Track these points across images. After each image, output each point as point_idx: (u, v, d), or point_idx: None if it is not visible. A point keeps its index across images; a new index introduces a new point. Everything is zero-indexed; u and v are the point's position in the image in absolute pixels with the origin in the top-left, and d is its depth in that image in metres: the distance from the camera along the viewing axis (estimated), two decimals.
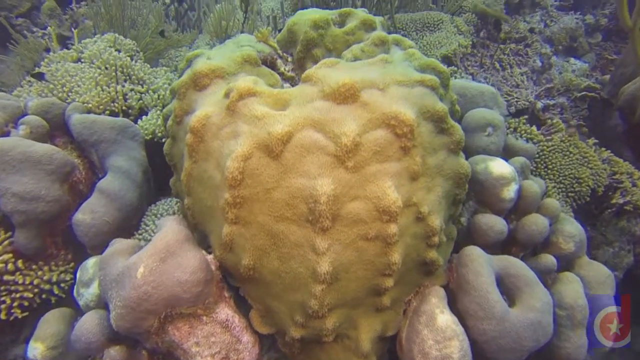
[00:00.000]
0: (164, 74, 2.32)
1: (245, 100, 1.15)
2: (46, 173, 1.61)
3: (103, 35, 2.26)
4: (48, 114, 1.83)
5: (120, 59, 2.11)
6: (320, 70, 1.17)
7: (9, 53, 3.65)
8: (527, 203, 1.43)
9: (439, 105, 1.21)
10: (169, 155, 1.44)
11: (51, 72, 2.03)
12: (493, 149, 1.51)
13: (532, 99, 3.57)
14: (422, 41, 2.66)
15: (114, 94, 2.03)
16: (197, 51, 1.60)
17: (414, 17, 2.83)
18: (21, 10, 3.67)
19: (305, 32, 1.49)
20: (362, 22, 1.58)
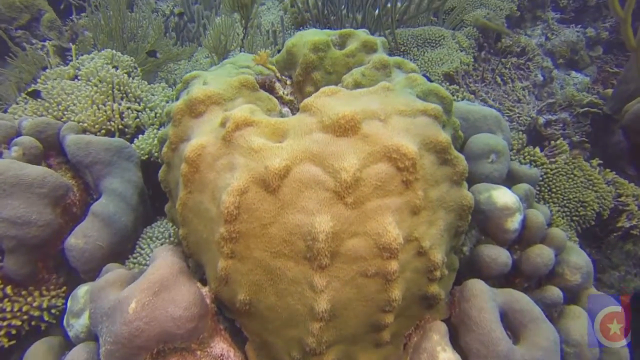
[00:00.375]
0: (161, 91, 2.29)
1: (241, 130, 1.12)
2: (38, 197, 1.57)
3: (101, 52, 2.23)
4: (42, 134, 1.79)
5: (117, 77, 2.07)
6: (320, 100, 1.13)
7: (8, 66, 3.63)
8: (532, 233, 1.39)
9: (442, 136, 1.17)
10: (164, 181, 1.40)
11: (47, 90, 1.99)
12: (496, 176, 1.47)
13: (534, 114, 3.54)
14: (424, 57, 2.63)
15: (110, 113, 1.99)
16: (195, 73, 1.57)
17: (415, 33, 2.81)
18: (20, 22, 3.65)
19: (305, 55, 1.46)
20: (363, 44, 1.55)
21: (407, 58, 2.73)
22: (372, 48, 1.56)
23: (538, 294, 1.38)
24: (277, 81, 1.50)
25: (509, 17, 3.95)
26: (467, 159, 1.50)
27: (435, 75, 2.47)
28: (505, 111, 3.51)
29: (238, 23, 2.78)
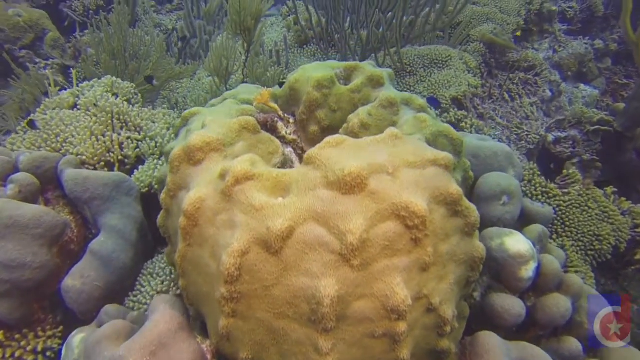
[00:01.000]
0: (162, 117, 2.24)
1: (242, 185, 1.06)
2: (33, 238, 1.53)
3: (100, 80, 2.19)
4: (40, 169, 1.75)
5: (117, 106, 2.03)
6: (324, 152, 1.08)
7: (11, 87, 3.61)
8: (547, 281, 1.33)
9: (453, 188, 1.11)
10: (163, 227, 1.35)
11: (46, 121, 1.95)
12: (508, 219, 1.41)
13: (542, 132, 3.47)
14: (431, 79, 2.57)
15: (110, 144, 1.95)
16: (194, 110, 1.52)
17: (421, 52, 2.75)
18: (25, 42, 3.63)
19: (309, 93, 1.40)
20: (369, 79, 1.50)
21: (413, 79, 2.67)
22: (379, 82, 1.50)
23: (555, 345, 1.32)
24: (280, 120, 1.44)
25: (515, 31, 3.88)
26: (477, 200, 1.44)
27: (443, 99, 2.41)
28: (513, 129, 3.44)
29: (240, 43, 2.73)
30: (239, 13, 2.28)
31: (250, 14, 2.29)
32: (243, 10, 2.28)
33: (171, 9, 5.80)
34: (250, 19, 2.27)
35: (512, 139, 3.35)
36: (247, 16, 2.27)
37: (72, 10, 4.32)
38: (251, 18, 2.28)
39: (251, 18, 2.28)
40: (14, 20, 3.61)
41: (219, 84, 2.49)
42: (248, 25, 2.26)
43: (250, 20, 2.27)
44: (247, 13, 2.29)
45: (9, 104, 3.54)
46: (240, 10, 2.28)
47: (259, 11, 2.30)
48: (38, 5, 4.25)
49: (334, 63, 1.59)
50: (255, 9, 2.28)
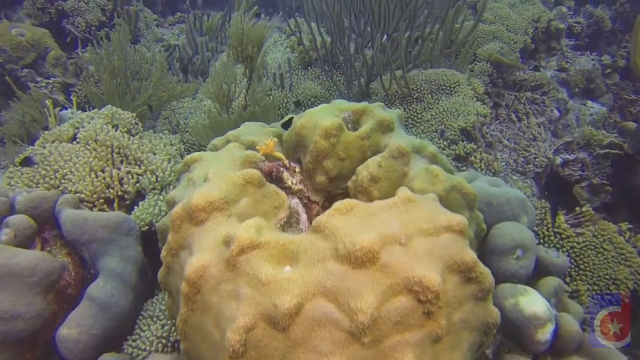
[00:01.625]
0: (162, 149, 2.19)
1: (247, 255, 1.01)
2: (28, 287, 1.47)
3: (101, 110, 2.14)
4: (37, 209, 1.69)
5: (117, 140, 1.98)
6: (334, 221, 1.02)
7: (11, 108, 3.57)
8: (566, 343, 1.27)
9: (467, 255, 1.05)
10: (164, 283, 1.30)
11: (44, 156, 1.90)
12: (522, 274, 1.35)
13: (550, 154, 3.40)
14: (438, 107, 2.52)
15: (109, 180, 1.90)
16: (196, 155, 1.46)
17: (428, 77, 2.70)
18: (27, 61, 3.60)
19: (316, 142, 1.35)
20: (379, 124, 1.44)
21: (421, 105, 2.61)
22: (389, 127, 1.45)
23: None
24: (285, 169, 1.39)
25: (523, 50, 3.82)
26: (490, 254, 1.38)
27: (451, 130, 2.35)
28: (520, 152, 3.38)
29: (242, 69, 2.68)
30: (241, 40, 2.23)
31: (252, 41, 2.24)
32: (245, 37, 2.23)
33: (173, 21, 5.77)
34: (251, 46, 2.21)
35: (519, 162, 3.29)
36: (249, 44, 2.22)
37: (74, 26, 4.28)
38: (253, 46, 2.23)
39: (253, 46, 2.23)
40: (16, 40, 3.58)
41: (220, 110, 2.44)
42: (250, 53, 2.21)
43: (252, 48, 2.21)
44: (248, 40, 2.24)
45: (9, 124, 3.51)
46: (243, 37, 2.23)
47: (262, 38, 2.26)
48: (40, 22, 4.23)
49: (341, 104, 1.54)
50: (258, 37, 2.23)
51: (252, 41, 2.23)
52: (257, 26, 2.25)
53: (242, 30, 2.19)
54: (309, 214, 1.43)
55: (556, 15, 4.16)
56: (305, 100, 2.89)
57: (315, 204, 1.42)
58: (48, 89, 3.64)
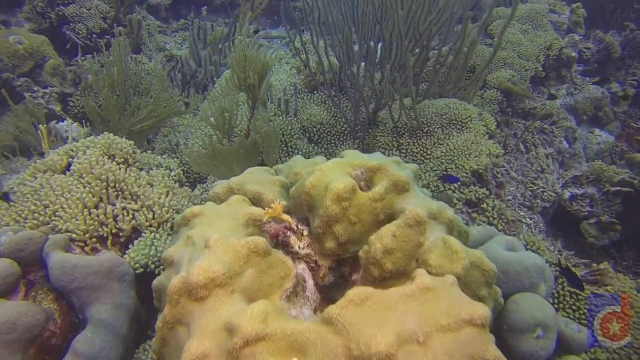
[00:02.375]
0: (161, 180, 2.09)
1: (252, 348, 0.91)
2: (5, 345, 1.37)
3: (97, 139, 2.04)
4: (23, 252, 1.59)
5: (114, 174, 1.88)
6: (347, 315, 0.92)
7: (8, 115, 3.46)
8: None
9: (490, 353, 0.96)
10: (158, 354, 1.20)
11: (35, 190, 1.80)
12: (542, 355, 1.26)
13: (559, 188, 3.32)
14: (450, 144, 2.43)
15: (104, 217, 1.79)
16: (197, 210, 1.37)
17: (439, 110, 2.61)
18: (24, 69, 3.49)
19: (327, 207, 1.25)
20: (394, 184, 1.35)
21: (431, 140, 2.52)
22: (404, 188, 1.35)
23: None
24: (292, 233, 1.29)
25: (533, 77, 3.74)
26: (508, 331, 1.29)
27: (463, 172, 2.26)
28: (528, 185, 3.29)
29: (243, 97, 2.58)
30: (244, 68, 2.13)
31: (256, 70, 2.14)
32: (248, 65, 2.13)
33: (177, 28, 5.67)
34: (255, 75, 2.11)
35: (527, 196, 3.21)
36: (251, 71, 2.12)
37: (75, 33, 4.18)
38: (256, 74, 2.13)
39: (256, 74, 2.13)
40: (14, 48, 3.47)
41: (221, 138, 2.34)
42: (253, 82, 2.11)
43: (255, 77, 2.11)
44: (251, 68, 2.14)
45: (2, 134, 3.40)
46: (246, 65, 2.13)
47: (266, 67, 2.15)
48: (40, 28, 4.12)
49: (354, 159, 1.44)
50: (262, 66, 2.13)
51: (256, 70, 2.13)
52: (261, 54, 2.15)
53: (245, 57, 2.09)
54: (316, 277, 1.34)
55: (568, 43, 4.09)
56: (311, 127, 2.80)
57: (322, 267, 1.33)
58: (45, 99, 3.53)
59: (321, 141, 2.83)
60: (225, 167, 2.31)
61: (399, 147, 2.62)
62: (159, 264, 1.81)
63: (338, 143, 2.86)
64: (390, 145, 2.63)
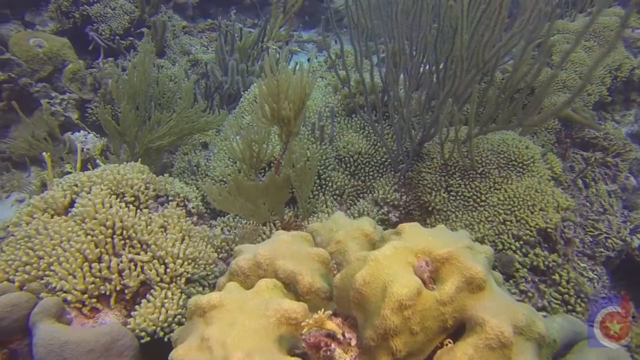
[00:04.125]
0: (176, 223, 1.82)
1: None
2: None
3: (105, 173, 1.77)
4: (5, 321, 1.33)
5: (121, 220, 1.61)
6: None
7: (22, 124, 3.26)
8: None
9: None
10: None
11: (29, 236, 1.54)
12: None
13: (626, 235, 2.91)
14: (509, 189, 2.07)
15: (107, 272, 1.53)
16: (215, 299, 1.07)
17: (496, 147, 2.25)
18: (42, 74, 3.28)
19: (384, 317, 0.94)
20: (467, 282, 1.03)
21: (486, 183, 2.17)
22: (479, 286, 1.03)
23: None
24: (338, 345, 0.98)
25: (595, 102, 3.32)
26: None
27: (526, 229, 1.91)
28: (588, 229, 2.89)
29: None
30: (276, 97, 1.81)
31: (291, 98, 1.81)
32: (281, 93, 1.80)
33: (203, 28, 5.42)
34: (290, 103, 1.79)
35: (586, 243, 2.81)
36: (286, 101, 1.79)
37: (98, 33, 3.96)
38: (290, 102, 1.80)
39: (290, 102, 1.80)
40: (33, 52, 3.26)
41: (248, 172, 2.05)
42: (287, 115, 1.80)
43: (290, 106, 1.79)
44: (285, 96, 1.81)
45: (17, 141, 3.21)
46: (278, 92, 1.80)
47: (303, 96, 1.83)
48: (63, 28, 3.92)
49: (416, 242, 1.12)
50: (299, 96, 1.81)
51: (292, 98, 1.81)
52: (297, 78, 1.82)
53: (277, 84, 1.77)
54: None
55: None
56: (347, 157, 2.48)
57: None
58: (62, 105, 3.33)
59: (358, 172, 2.51)
60: (251, 204, 2.02)
61: (447, 188, 2.27)
62: (169, 330, 1.53)
63: (377, 175, 2.53)
64: (438, 185, 2.29)
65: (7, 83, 3.15)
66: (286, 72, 1.74)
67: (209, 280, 1.86)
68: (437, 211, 2.27)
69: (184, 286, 1.68)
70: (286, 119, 1.83)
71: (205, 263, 1.85)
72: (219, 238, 2.09)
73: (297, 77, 1.73)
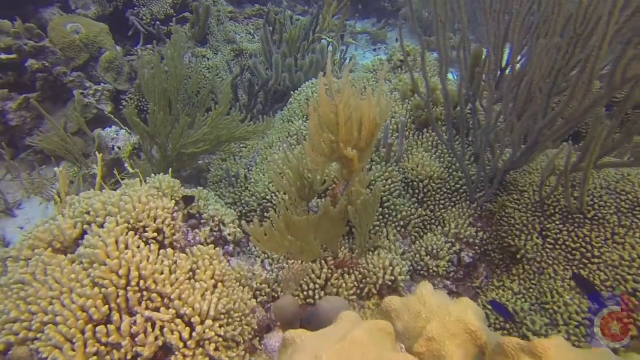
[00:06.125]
0: (208, 266, 1.45)
1: None
2: None
3: (123, 201, 1.41)
4: None
5: (137, 267, 1.25)
6: None
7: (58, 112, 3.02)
8: None
9: None
10: None
11: (23, 283, 1.22)
12: None
13: None
14: (627, 244, 1.57)
15: (116, 337, 1.18)
16: None
17: (613, 185, 1.74)
18: (78, 62, 3.01)
19: None
20: None
21: (599, 232, 1.67)
22: None
23: None
24: None
25: None
26: None
27: None
28: None
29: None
30: (335, 128, 1.33)
31: (355, 134, 1.33)
32: (342, 126, 1.32)
33: (250, 14, 5.03)
34: (356, 141, 1.33)
35: None
36: (349, 135, 1.32)
37: (138, 17, 3.66)
38: (356, 130, 1.34)
39: (356, 130, 1.34)
40: (70, 39, 2.99)
41: (299, 205, 1.65)
42: (347, 154, 1.35)
43: (357, 136, 1.34)
44: (347, 130, 1.33)
45: (49, 135, 2.96)
46: (337, 123, 1.32)
47: (373, 129, 1.35)
48: (104, 12, 3.65)
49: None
50: (368, 130, 1.34)
51: (355, 134, 1.33)
52: (366, 104, 1.32)
53: (335, 112, 1.30)
54: None
55: None
56: (416, 181, 2.03)
57: None
58: (95, 97, 3.05)
59: (427, 200, 2.07)
60: (302, 242, 1.63)
61: (542, 232, 1.79)
62: None
63: (448, 204, 2.08)
64: (530, 227, 1.81)
65: (41, 72, 2.91)
66: (350, 92, 1.28)
67: (244, 336, 1.50)
68: (528, 261, 1.79)
69: (212, 353, 1.32)
70: (348, 160, 1.39)
71: (241, 315, 1.49)
72: (259, 278, 1.72)
73: (366, 104, 1.28)
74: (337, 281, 1.82)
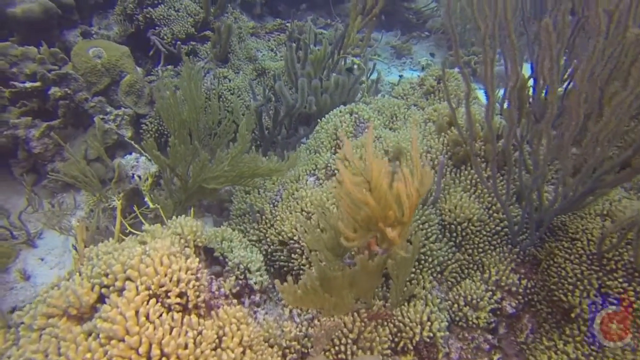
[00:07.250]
0: (235, 331, 1.33)
1: None
2: None
3: (144, 262, 1.31)
4: None
5: (159, 343, 1.14)
6: None
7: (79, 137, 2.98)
8: None
9: None
10: None
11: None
12: None
13: None
14: None
15: None
16: None
17: None
18: (99, 87, 2.96)
19: None
20: None
21: None
22: None
23: None
24: None
25: None
26: None
27: None
28: None
29: None
30: (367, 221, 1.14)
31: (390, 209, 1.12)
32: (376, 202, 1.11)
33: (271, 29, 4.94)
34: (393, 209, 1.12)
35: None
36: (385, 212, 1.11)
37: (159, 37, 3.60)
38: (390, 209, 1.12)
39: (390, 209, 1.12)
40: (92, 64, 2.94)
41: (333, 260, 1.52)
42: (387, 234, 1.15)
43: (399, 212, 1.15)
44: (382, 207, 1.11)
45: (69, 162, 2.91)
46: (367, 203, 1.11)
47: (415, 201, 1.15)
48: (126, 33, 3.60)
49: None
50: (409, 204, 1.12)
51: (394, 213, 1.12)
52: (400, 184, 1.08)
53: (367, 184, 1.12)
54: None
55: None
56: (454, 224, 1.88)
57: None
58: (116, 122, 2.99)
59: (465, 244, 1.91)
60: (336, 297, 1.50)
61: (600, 291, 1.61)
62: None
63: (488, 247, 1.92)
64: (584, 283, 1.63)
65: (63, 99, 2.86)
66: (379, 168, 1.09)
67: None
68: (585, 322, 1.62)
69: None
70: (390, 237, 1.24)
71: None
72: (288, 335, 1.60)
73: (400, 181, 1.10)
74: (371, 334, 1.70)
